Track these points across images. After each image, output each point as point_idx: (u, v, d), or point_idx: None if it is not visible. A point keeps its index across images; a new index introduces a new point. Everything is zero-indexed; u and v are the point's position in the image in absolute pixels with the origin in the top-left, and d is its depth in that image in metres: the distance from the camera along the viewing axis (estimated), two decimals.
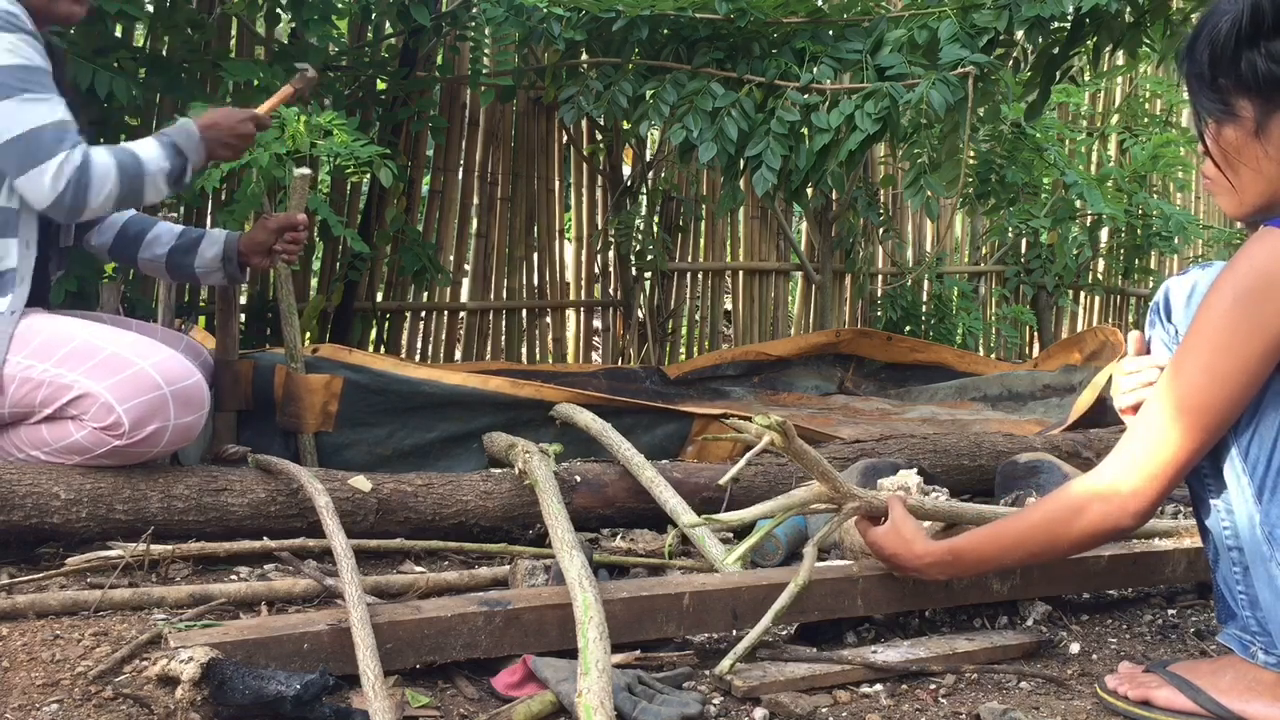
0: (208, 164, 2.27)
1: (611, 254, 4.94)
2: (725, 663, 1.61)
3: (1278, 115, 1.39)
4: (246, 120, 2.26)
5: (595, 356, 5.11)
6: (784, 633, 1.83)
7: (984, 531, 1.69)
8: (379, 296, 4.34)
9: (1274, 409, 1.44)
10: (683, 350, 5.21)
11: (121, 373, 2.02)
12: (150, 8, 3.49)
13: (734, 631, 1.75)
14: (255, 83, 3.31)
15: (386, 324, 4.41)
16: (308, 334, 3.98)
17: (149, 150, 2.13)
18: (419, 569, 2.08)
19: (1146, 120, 6.37)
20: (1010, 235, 5.94)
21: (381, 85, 4.12)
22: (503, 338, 4.69)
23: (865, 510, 1.81)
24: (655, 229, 4.93)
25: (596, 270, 4.99)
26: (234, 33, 3.91)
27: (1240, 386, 1.42)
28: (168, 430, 2.03)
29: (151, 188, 2.13)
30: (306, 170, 2.55)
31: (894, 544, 1.73)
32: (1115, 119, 6.48)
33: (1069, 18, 3.38)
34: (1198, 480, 1.55)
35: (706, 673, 1.64)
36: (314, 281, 4.36)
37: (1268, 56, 1.36)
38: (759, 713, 1.53)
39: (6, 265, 2.08)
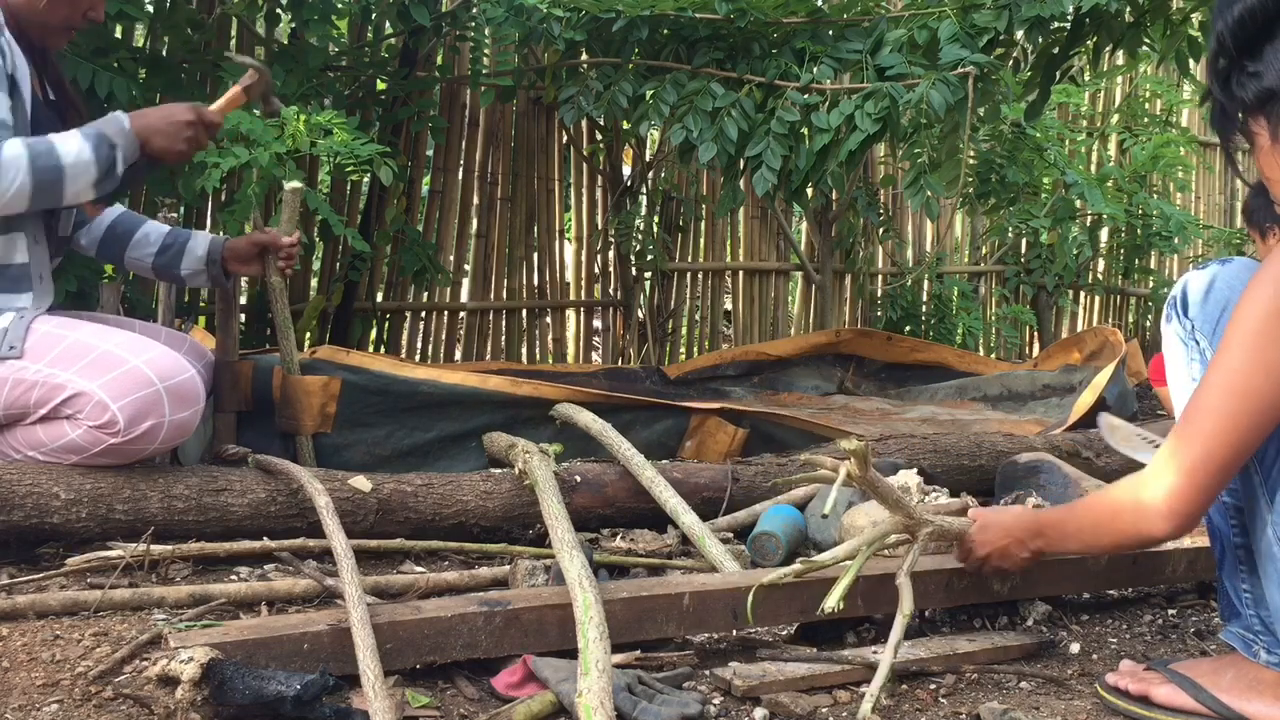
0: (147, 158, 2.17)
1: (611, 254, 4.94)
2: (727, 666, 1.60)
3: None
4: (185, 109, 2.19)
5: (595, 356, 5.11)
6: (784, 633, 1.83)
7: (1060, 512, 1.76)
8: (379, 296, 4.34)
9: None
10: (683, 350, 5.21)
11: (114, 370, 2.02)
12: (150, 8, 3.49)
13: (734, 631, 1.75)
14: None
15: (386, 324, 4.41)
16: (308, 334, 3.98)
17: (70, 143, 2.05)
18: (419, 569, 2.07)
19: (1146, 120, 6.37)
20: (1010, 235, 5.95)
21: (381, 85, 4.12)
22: (503, 338, 4.69)
23: (939, 534, 1.76)
24: (655, 229, 4.93)
25: (596, 270, 4.99)
26: (234, 33, 3.91)
27: None
28: (164, 426, 2.03)
29: (73, 181, 2.05)
30: (298, 184, 2.53)
31: (995, 536, 1.76)
32: (1115, 119, 6.48)
33: (1069, 18, 3.38)
34: None
35: (706, 673, 1.64)
36: (314, 281, 4.36)
37: (1248, 75, 1.41)
38: (759, 713, 1.53)
39: (18, 260, 2.09)
